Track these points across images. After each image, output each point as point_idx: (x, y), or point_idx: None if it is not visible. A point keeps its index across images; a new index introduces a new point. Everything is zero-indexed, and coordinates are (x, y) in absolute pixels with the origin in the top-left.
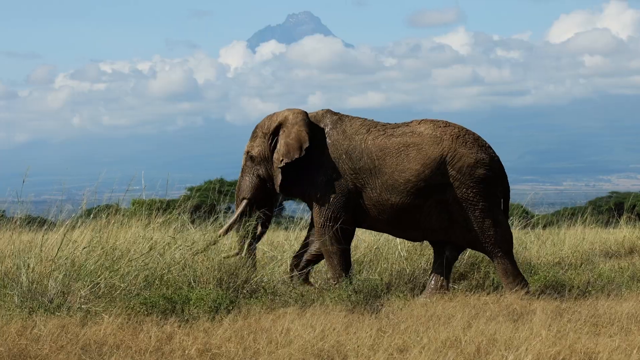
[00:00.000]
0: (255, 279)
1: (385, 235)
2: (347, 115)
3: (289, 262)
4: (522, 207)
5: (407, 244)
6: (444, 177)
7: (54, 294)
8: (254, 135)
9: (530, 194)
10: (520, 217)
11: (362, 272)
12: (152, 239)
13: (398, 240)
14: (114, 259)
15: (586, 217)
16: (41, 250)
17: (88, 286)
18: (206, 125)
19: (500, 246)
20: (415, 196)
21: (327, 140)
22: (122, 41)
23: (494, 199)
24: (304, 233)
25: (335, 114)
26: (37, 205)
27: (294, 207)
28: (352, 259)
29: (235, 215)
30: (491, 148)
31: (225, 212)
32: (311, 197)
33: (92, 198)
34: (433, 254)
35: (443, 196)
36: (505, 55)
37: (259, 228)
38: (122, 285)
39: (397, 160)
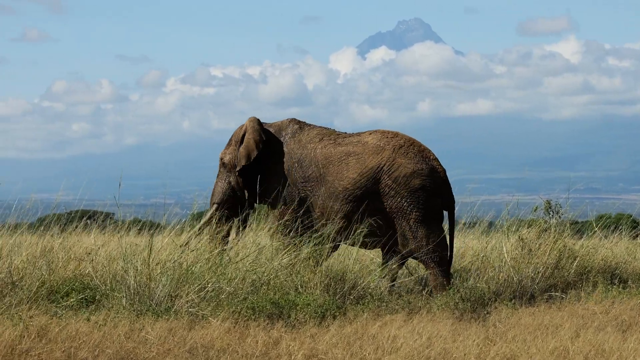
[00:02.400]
0: (362, 285)
1: (493, 242)
2: (308, 125)
3: (395, 268)
4: (631, 217)
5: (514, 252)
6: (381, 186)
7: (162, 297)
8: (228, 143)
9: None
10: (629, 227)
11: (469, 280)
12: (259, 243)
13: (505, 248)
14: (222, 262)
15: None
16: (149, 253)
17: (195, 289)
18: None
19: (432, 257)
20: (354, 204)
21: (284, 149)
22: (233, 46)
23: (430, 209)
24: None
25: (298, 123)
26: (146, 208)
27: None
28: (459, 267)
29: (205, 219)
30: (436, 160)
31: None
32: (270, 204)
33: (201, 202)
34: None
35: (380, 204)
36: (617, 65)
37: (232, 233)
38: (229, 289)
39: (338, 169)
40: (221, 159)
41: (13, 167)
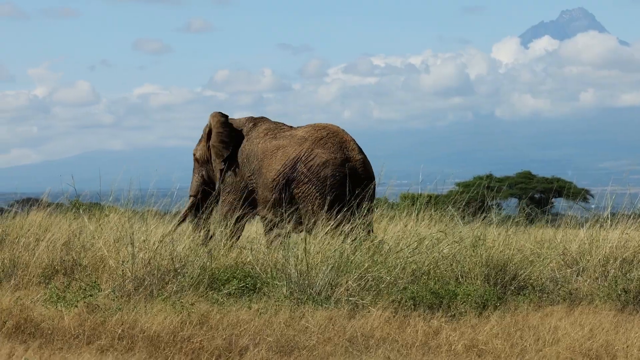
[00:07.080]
0: (523, 276)
1: None
2: (262, 121)
3: (556, 260)
4: None
5: None
6: (298, 174)
7: (322, 286)
8: (200, 138)
9: None
10: None
11: (632, 272)
12: (420, 233)
13: None
14: (382, 252)
15: None
16: (309, 241)
17: (355, 278)
18: (476, 121)
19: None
20: (281, 192)
21: (241, 144)
22: (394, 36)
23: (336, 197)
24: (572, 230)
25: (253, 120)
26: None
27: (564, 205)
28: (621, 258)
29: (183, 212)
30: (356, 150)
31: (492, 208)
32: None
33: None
34: None
35: (296, 191)
36: None
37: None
38: (389, 278)
39: (269, 162)
40: (194, 154)
41: (174, 156)
